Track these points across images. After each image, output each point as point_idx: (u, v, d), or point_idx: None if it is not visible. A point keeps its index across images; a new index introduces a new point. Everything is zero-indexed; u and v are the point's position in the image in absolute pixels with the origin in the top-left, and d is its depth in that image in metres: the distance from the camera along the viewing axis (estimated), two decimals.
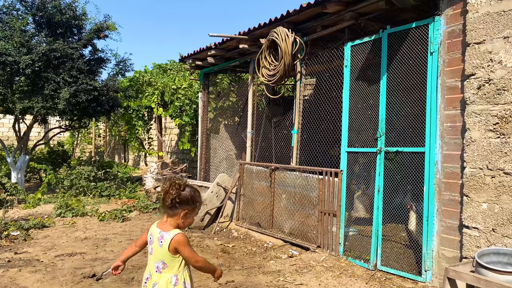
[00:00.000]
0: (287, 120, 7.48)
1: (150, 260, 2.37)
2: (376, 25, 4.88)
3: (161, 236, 2.31)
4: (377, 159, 4.56)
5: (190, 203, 2.34)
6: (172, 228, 2.32)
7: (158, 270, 2.33)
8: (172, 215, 2.33)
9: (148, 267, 2.39)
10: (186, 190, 2.33)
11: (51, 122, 14.96)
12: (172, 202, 2.29)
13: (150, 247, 2.39)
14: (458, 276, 3.10)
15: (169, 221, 2.34)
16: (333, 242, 5.03)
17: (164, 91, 11.25)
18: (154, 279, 2.33)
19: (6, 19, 9.15)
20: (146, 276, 2.40)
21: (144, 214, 7.88)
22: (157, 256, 2.33)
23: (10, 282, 4.11)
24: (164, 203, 2.32)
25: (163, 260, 2.31)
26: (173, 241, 2.27)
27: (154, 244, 2.35)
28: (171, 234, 2.29)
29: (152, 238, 2.37)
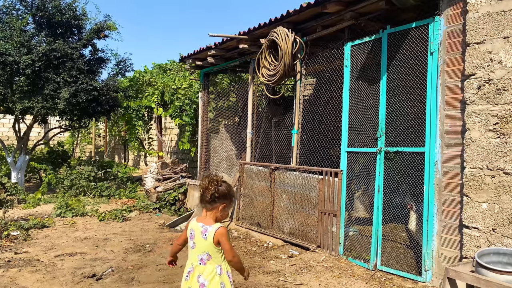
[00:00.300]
0: (287, 120, 7.48)
1: (193, 254, 2.54)
2: (376, 25, 4.88)
3: (205, 230, 2.48)
4: (377, 159, 4.56)
5: (227, 197, 2.54)
6: (212, 221, 2.50)
7: (202, 261, 2.50)
8: (211, 209, 2.51)
9: (190, 261, 2.55)
10: (223, 185, 2.52)
11: (51, 122, 14.97)
12: (211, 197, 2.48)
13: (191, 242, 2.55)
14: (458, 276, 3.10)
15: (209, 215, 2.52)
16: (333, 242, 5.03)
17: (164, 91, 11.26)
18: (198, 271, 2.49)
19: (6, 19, 9.15)
20: (189, 269, 2.55)
21: (144, 214, 7.88)
22: (201, 249, 2.50)
23: (10, 282, 4.11)
24: (204, 198, 2.50)
25: (207, 252, 2.49)
26: (216, 233, 2.45)
27: (197, 238, 2.52)
28: (214, 227, 2.47)
29: (193, 233, 2.54)
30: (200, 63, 8.15)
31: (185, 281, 2.58)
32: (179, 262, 4.77)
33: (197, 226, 2.53)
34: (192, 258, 2.56)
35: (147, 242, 5.66)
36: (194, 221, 2.58)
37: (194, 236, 2.54)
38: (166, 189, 8.20)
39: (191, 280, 2.53)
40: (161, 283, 4.10)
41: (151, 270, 4.48)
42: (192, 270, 2.54)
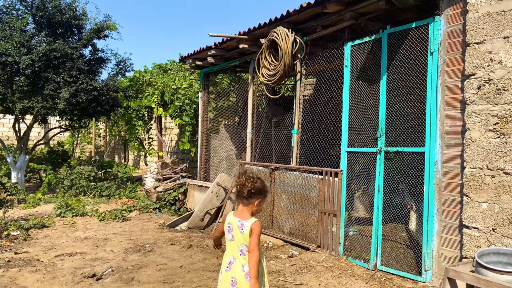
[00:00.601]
0: (287, 120, 7.49)
1: (232, 246, 2.69)
2: (376, 25, 4.88)
3: (241, 224, 2.65)
4: (377, 159, 4.56)
5: (262, 192, 2.70)
6: (249, 215, 2.67)
7: (242, 253, 2.66)
8: (247, 204, 2.67)
9: (231, 252, 2.70)
10: (258, 182, 2.68)
11: (51, 122, 14.97)
12: (248, 193, 2.63)
13: (229, 235, 2.70)
14: (458, 276, 3.10)
15: (245, 210, 2.68)
16: (333, 242, 5.03)
17: (164, 91, 11.25)
18: (241, 261, 2.66)
19: (6, 19, 9.15)
20: (229, 260, 2.69)
21: (144, 214, 7.88)
22: (240, 241, 2.66)
23: (10, 282, 4.11)
24: (241, 195, 2.66)
25: (246, 244, 2.64)
26: (251, 227, 2.61)
27: (235, 231, 2.67)
28: (250, 221, 2.63)
29: (231, 226, 2.70)
30: (200, 63, 8.15)
31: (226, 272, 2.69)
32: (178, 263, 4.78)
33: (234, 220, 2.69)
34: (232, 250, 2.71)
35: (147, 242, 5.67)
36: (231, 216, 2.74)
37: (232, 230, 2.70)
38: (166, 189, 8.20)
39: (234, 270, 2.67)
40: (161, 283, 4.10)
41: (151, 270, 4.48)
42: (233, 261, 2.69)
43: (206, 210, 6.76)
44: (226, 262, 2.71)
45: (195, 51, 7.87)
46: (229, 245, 2.72)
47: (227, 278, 2.67)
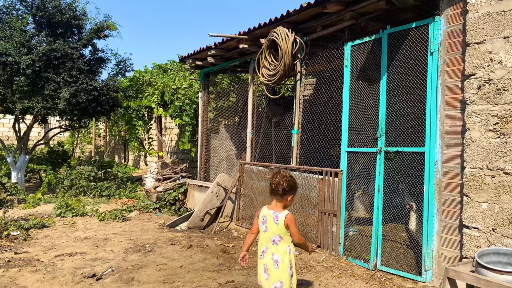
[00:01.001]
0: (287, 120, 7.49)
1: (265, 236, 3.02)
2: (376, 25, 4.88)
3: (276, 216, 2.97)
4: (377, 159, 4.56)
5: (294, 189, 3.03)
6: (282, 209, 3.00)
7: (275, 242, 2.98)
8: (281, 200, 3.00)
9: (264, 242, 3.02)
10: (290, 180, 3.00)
11: (51, 122, 14.96)
12: (283, 191, 2.97)
13: (263, 226, 3.02)
14: (458, 276, 3.10)
15: (278, 204, 3.02)
16: (333, 242, 5.03)
17: (164, 91, 11.25)
18: (272, 250, 2.98)
19: (6, 19, 9.15)
20: (262, 249, 3.03)
21: (144, 214, 7.88)
22: (273, 232, 2.98)
23: (10, 282, 4.11)
24: (276, 192, 2.99)
25: (279, 235, 2.97)
26: (286, 218, 2.94)
27: (269, 223, 3.00)
28: (283, 213, 2.96)
29: (265, 218, 3.03)
30: (200, 63, 8.15)
31: (260, 259, 3.05)
32: (178, 263, 4.78)
33: (269, 213, 3.01)
34: (265, 240, 3.02)
35: (147, 242, 5.66)
36: (265, 209, 3.06)
37: (267, 221, 3.02)
38: (166, 189, 8.21)
39: (266, 258, 3.00)
40: (161, 283, 4.10)
41: (151, 270, 4.48)
42: (266, 249, 3.01)
43: (206, 210, 6.76)
44: (260, 250, 3.05)
45: (195, 51, 7.87)
46: (263, 236, 3.04)
47: (260, 264, 3.05)
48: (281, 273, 2.94)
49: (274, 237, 2.99)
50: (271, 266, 2.95)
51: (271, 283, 2.95)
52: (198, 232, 6.53)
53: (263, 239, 3.04)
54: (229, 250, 5.35)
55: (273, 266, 2.94)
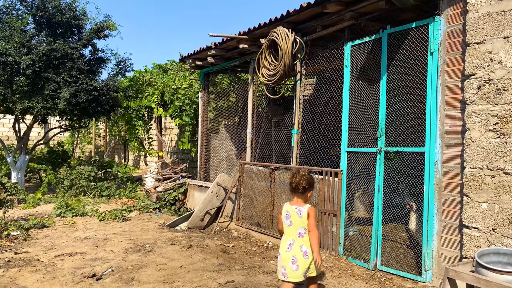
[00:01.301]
0: (287, 120, 7.49)
1: (291, 230, 3.25)
2: (376, 25, 4.88)
3: (299, 210, 3.23)
4: (377, 159, 4.56)
5: (313, 185, 3.32)
6: (303, 203, 3.28)
7: (301, 235, 3.23)
8: (302, 196, 3.27)
9: (290, 235, 3.25)
10: (309, 178, 3.27)
11: (51, 122, 14.97)
12: (303, 189, 3.23)
13: (287, 221, 3.27)
14: (458, 276, 3.10)
15: (299, 200, 3.28)
16: (333, 242, 5.03)
17: (164, 91, 11.25)
18: (299, 242, 3.21)
19: (6, 19, 9.15)
20: (289, 242, 3.23)
21: (144, 214, 7.88)
22: (298, 225, 3.23)
23: (10, 282, 4.11)
24: (297, 191, 3.25)
25: (303, 227, 3.22)
26: (310, 211, 3.21)
27: (293, 217, 3.25)
28: (306, 207, 3.25)
29: (289, 214, 3.27)
30: (200, 63, 8.15)
31: (287, 252, 3.22)
32: (178, 263, 4.78)
33: (292, 208, 3.27)
34: (291, 233, 3.25)
35: (147, 242, 5.67)
36: (288, 205, 3.31)
37: (290, 216, 3.26)
38: (166, 189, 8.21)
39: (293, 250, 3.20)
40: (161, 283, 4.10)
41: (151, 270, 4.48)
42: (293, 242, 3.22)
43: (206, 210, 6.76)
44: (286, 244, 3.25)
45: (195, 51, 7.87)
46: (288, 230, 3.27)
47: (287, 257, 3.21)
48: (309, 262, 3.22)
49: (300, 230, 3.23)
50: (301, 257, 3.19)
51: (301, 273, 3.19)
52: (198, 232, 6.53)
53: (288, 233, 3.27)
54: (229, 250, 5.35)
55: (303, 256, 3.19)
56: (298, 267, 3.17)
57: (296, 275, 3.18)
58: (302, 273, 3.20)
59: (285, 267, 3.21)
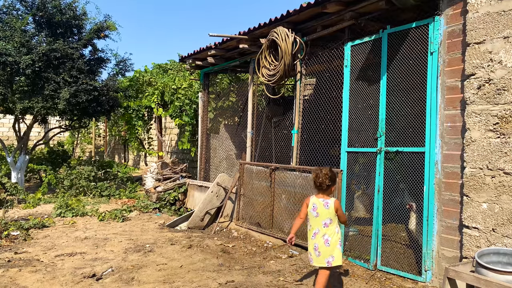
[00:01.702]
0: (287, 120, 7.48)
1: (317, 220, 3.54)
2: (376, 25, 4.88)
3: (326, 203, 3.53)
4: (377, 159, 4.56)
5: (335, 180, 3.62)
6: (328, 197, 3.57)
7: (326, 225, 3.51)
8: (326, 191, 3.56)
9: (316, 225, 3.54)
10: (331, 174, 3.55)
11: (51, 122, 14.98)
12: (327, 186, 3.53)
13: (314, 213, 3.54)
14: (458, 276, 3.10)
15: (324, 195, 3.57)
16: None
17: (164, 91, 11.25)
18: (323, 232, 3.51)
19: (6, 19, 9.15)
20: (314, 231, 3.54)
21: (144, 214, 7.88)
22: (324, 216, 3.51)
23: (10, 282, 4.11)
24: (322, 187, 3.53)
25: (329, 218, 3.51)
26: (335, 204, 3.52)
27: (320, 209, 3.52)
28: (332, 200, 3.54)
29: (315, 206, 3.54)
30: (200, 63, 8.15)
31: (311, 240, 3.55)
32: (178, 263, 4.78)
33: (318, 200, 3.55)
34: (317, 224, 3.54)
35: (147, 242, 5.67)
36: (314, 198, 3.57)
37: (317, 208, 3.53)
38: (166, 189, 8.21)
39: (317, 238, 3.51)
40: (161, 283, 4.10)
41: (151, 270, 4.48)
42: (318, 231, 3.53)
43: (206, 210, 6.76)
44: (311, 233, 3.57)
45: (195, 51, 7.87)
46: (314, 221, 3.56)
47: (311, 244, 3.54)
48: (331, 249, 3.48)
49: (325, 220, 3.52)
50: (322, 244, 3.48)
51: (323, 259, 3.47)
52: (198, 232, 6.53)
53: (314, 223, 3.56)
54: (229, 250, 5.35)
55: (324, 244, 3.48)
56: (320, 253, 3.48)
57: (319, 260, 3.48)
58: (325, 260, 3.45)
59: (311, 253, 3.56)
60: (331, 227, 3.51)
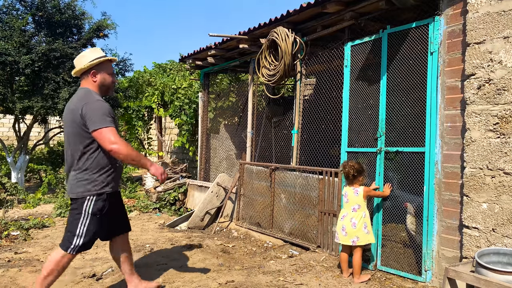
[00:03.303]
0: (287, 120, 7.48)
1: (347, 205, 4.18)
2: (376, 25, 4.88)
3: (356, 190, 4.14)
4: (377, 159, 4.56)
5: (362, 171, 4.18)
6: (358, 186, 4.17)
7: (354, 210, 4.10)
8: (352, 181, 4.17)
9: (345, 210, 4.19)
10: (357, 166, 4.12)
11: (51, 122, 14.97)
12: (353, 177, 4.12)
13: (345, 199, 4.21)
14: (458, 276, 3.10)
15: (355, 184, 4.18)
16: (333, 242, 5.03)
17: (164, 91, 11.25)
18: (351, 215, 4.10)
19: (5, 19, 9.15)
20: (343, 214, 4.17)
21: (144, 214, 7.88)
22: (354, 202, 4.12)
23: (10, 282, 4.11)
24: (348, 178, 4.17)
25: (358, 204, 4.11)
26: (364, 191, 4.14)
27: (350, 195, 4.16)
28: (361, 188, 4.16)
29: (346, 193, 4.20)
30: (200, 63, 8.15)
31: (340, 221, 4.18)
32: (178, 263, 4.78)
33: (350, 189, 4.18)
34: (347, 208, 4.17)
35: (147, 242, 5.66)
36: (347, 187, 4.21)
37: (348, 195, 4.17)
38: (166, 189, 8.21)
39: (345, 220, 4.12)
40: (161, 283, 4.10)
41: (151, 270, 4.48)
42: (346, 215, 4.12)
43: (206, 210, 6.76)
44: (341, 215, 4.20)
45: (195, 51, 7.86)
46: (345, 205, 4.22)
47: (340, 225, 4.16)
48: (357, 231, 4.02)
49: (354, 206, 4.10)
50: (349, 226, 4.05)
51: (349, 238, 4.05)
52: (198, 232, 6.53)
53: (345, 207, 4.21)
54: (229, 250, 5.35)
55: (351, 226, 4.04)
56: (346, 233, 4.06)
57: (345, 239, 4.07)
58: (350, 239, 4.03)
59: (337, 233, 4.16)
60: (359, 212, 4.07)
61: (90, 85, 3.35)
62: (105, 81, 3.39)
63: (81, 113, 3.13)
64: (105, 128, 3.09)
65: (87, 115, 3.11)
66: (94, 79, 3.34)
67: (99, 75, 3.35)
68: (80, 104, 3.16)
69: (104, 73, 3.38)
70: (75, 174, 3.24)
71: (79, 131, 3.17)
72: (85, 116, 3.11)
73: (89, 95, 3.25)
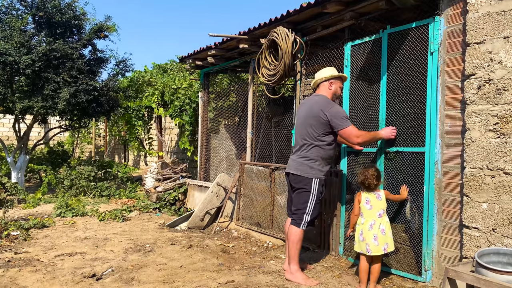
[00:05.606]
0: (287, 120, 7.48)
1: (372, 213, 3.93)
2: (376, 25, 4.88)
3: (378, 195, 3.97)
4: (377, 159, 4.56)
5: (380, 178, 4.03)
6: (379, 190, 4.03)
7: (380, 215, 3.91)
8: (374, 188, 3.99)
9: (371, 217, 3.92)
10: (377, 173, 3.98)
11: (51, 122, 14.98)
12: (374, 185, 3.96)
13: (368, 206, 3.94)
14: (458, 276, 3.10)
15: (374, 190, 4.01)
16: (333, 242, 5.03)
17: (164, 91, 11.25)
18: (379, 222, 3.89)
19: (6, 19, 9.15)
20: (371, 223, 3.89)
21: (144, 214, 7.88)
22: (378, 207, 3.93)
23: (10, 282, 4.11)
24: (370, 187, 3.96)
25: (382, 208, 3.94)
26: (385, 194, 4.04)
27: (373, 202, 3.94)
28: (382, 192, 4.03)
29: (368, 199, 3.95)
30: (200, 63, 8.15)
31: (369, 231, 3.87)
32: (178, 263, 4.78)
33: (370, 194, 3.97)
34: (372, 215, 3.92)
35: (147, 242, 5.67)
36: (365, 193, 3.99)
37: (370, 201, 3.94)
38: (166, 189, 8.21)
39: (374, 229, 3.86)
40: (161, 283, 4.10)
41: (151, 270, 4.48)
42: (373, 223, 3.88)
43: (206, 210, 6.76)
44: (368, 224, 3.90)
45: (195, 51, 7.87)
46: (369, 213, 3.92)
47: (370, 235, 3.85)
48: (386, 237, 3.88)
49: (379, 211, 3.91)
50: (380, 234, 3.85)
51: (381, 247, 3.84)
52: (198, 232, 6.53)
53: (369, 215, 3.92)
54: (229, 250, 5.35)
55: (381, 234, 3.86)
56: (378, 243, 3.84)
57: (378, 249, 3.83)
58: (382, 248, 3.84)
59: (368, 244, 3.84)
60: (384, 217, 3.91)
61: (325, 92, 4.38)
62: (337, 91, 4.45)
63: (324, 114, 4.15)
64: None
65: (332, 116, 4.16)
66: (330, 88, 4.38)
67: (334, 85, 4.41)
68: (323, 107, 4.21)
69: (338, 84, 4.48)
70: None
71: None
72: (330, 117, 4.16)
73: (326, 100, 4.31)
